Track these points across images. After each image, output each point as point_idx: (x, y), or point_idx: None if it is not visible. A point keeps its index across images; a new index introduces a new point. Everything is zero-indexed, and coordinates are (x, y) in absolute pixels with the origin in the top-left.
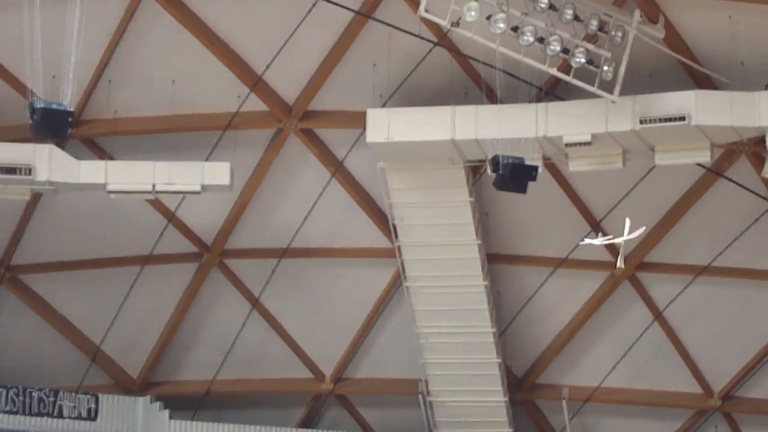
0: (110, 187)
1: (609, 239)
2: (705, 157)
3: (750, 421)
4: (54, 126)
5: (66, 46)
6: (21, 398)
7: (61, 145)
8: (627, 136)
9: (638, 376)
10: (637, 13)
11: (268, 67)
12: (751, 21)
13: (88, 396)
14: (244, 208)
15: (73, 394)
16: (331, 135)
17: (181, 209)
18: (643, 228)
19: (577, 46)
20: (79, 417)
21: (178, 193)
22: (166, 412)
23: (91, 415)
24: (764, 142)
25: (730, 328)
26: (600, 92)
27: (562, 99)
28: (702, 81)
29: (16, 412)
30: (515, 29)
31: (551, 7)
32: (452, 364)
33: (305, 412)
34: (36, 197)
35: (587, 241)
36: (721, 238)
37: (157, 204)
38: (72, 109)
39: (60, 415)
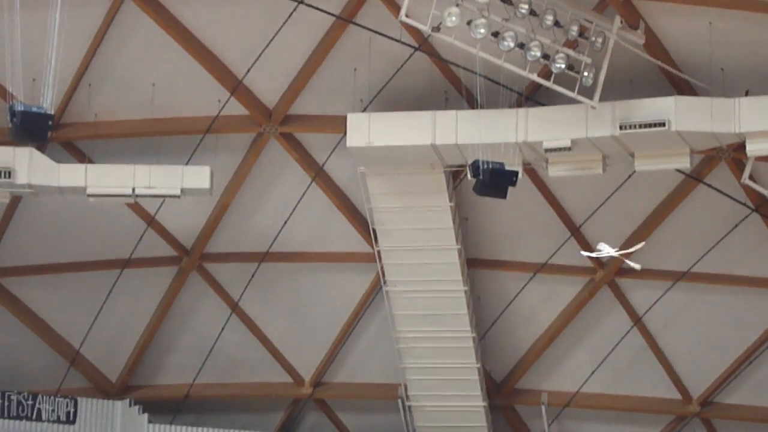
0: (90, 191)
1: (617, 252)
2: (685, 163)
3: (729, 426)
4: (34, 129)
5: (46, 49)
6: (0, 401)
7: (41, 148)
8: (607, 141)
9: (617, 382)
10: (618, 19)
11: (248, 71)
12: (730, 27)
13: (67, 399)
14: (223, 212)
15: (52, 397)
16: (311, 139)
17: (161, 213)
18: (642, 243)
19: (557, 52)
20: (57, 420)
21: (158, 196)
22: (145, 416)
23: (70, 419)
24: (744, 148)
25: (709, 334)
26: (580, 98)
27: (542, 104)
28: (682, 87)
29: None
30: (496, 34)
31: (532, 12)
32: (432, 369)
33: (284, 417)
34: (15, 200)
35: (600, 252)
36: (701, 244)
37: (136, 208)
38: (52, 113)
39: (39, 419)
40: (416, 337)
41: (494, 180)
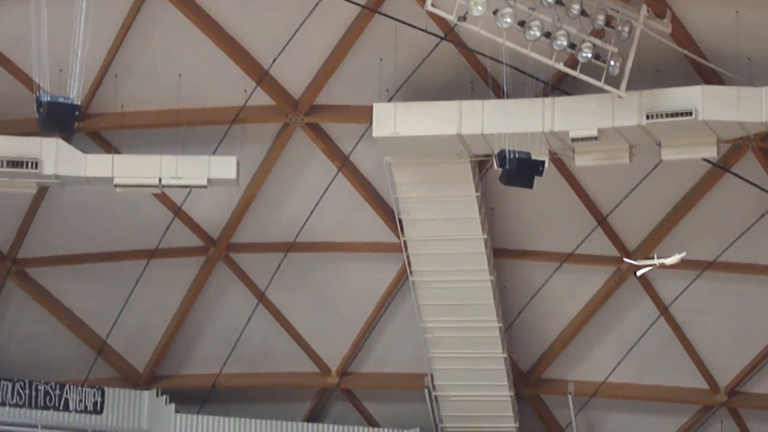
0: (117, 181)
1: (652, 263)
2: (711, 153)
3: (756, 416)
4: (61, 120)
5: (73, 39)
6: (27, 392)
7: (67, 138)
8: (633, 131)
9: (644, 372)
10: (644, 8)
11: (274, 61)
12: (758, 16)
13: (94, 389)
14: (250, 202)
15: (79, 387)
16: (337, 129)
17: (188, 203)
18: (684, 253)
19: (583, 41)
20: (85, 410)
21: (185, 187)
22: (172, 406)
23: (97, 409)
24: None
25: (735, 324)
26: (607, 87)
27: (568, 94)
28: (709, 76)
29: (23, 406)
30: (522, 24)
31: (558, 1)
32: (458, 359)
33: (311, 406)
34: (42, 191)
35: (641, 265)
36: (728, 233)
37: (163, 198)
38: (79, 103)
39: (66, 409)
40: (442, 327)
41: (521, 170)
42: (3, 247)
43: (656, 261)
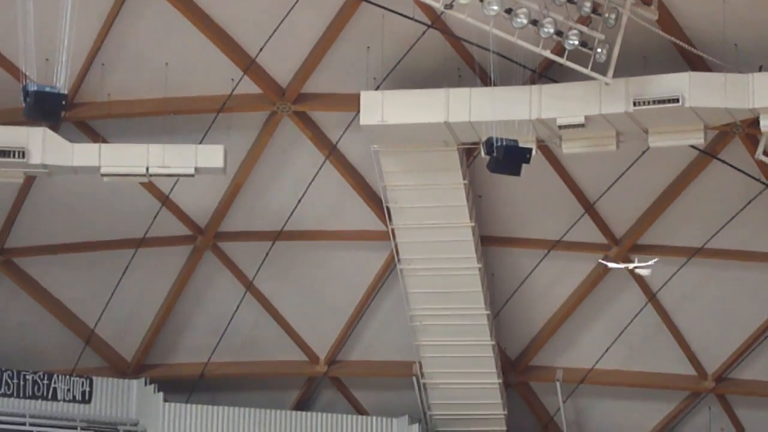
0: (104, 170)
1: (626, 266)
2: (698, 139)
3: (744, 402)
4: (47, 109)
5: (59, 28)
6: (15, 381)
7: (54, 128)
8: (620, 118)
9: (632, 358)
10: None
11: (261, 49)
12: (744, 2)
13: (83, 379)
14: (237, 190)
15: (68, 377)
16: (324, 118)
17: (175, 192)
18: (656, 259)
19: (570, 29)
20: (73, 400)
21: (172, 176)
22: (161, 395)
23: (86, 398)
24: (758, 123)
25: (723, 310)
26: (594, 74)
27: (555, 81)
28: (695, 63)
29: (11, 395)
30: (509, 11)
31: None
32: (446, 347)
33: (299, 395)
34: (29, 180)
35: (610, 265)
36: (715, 219)
37: (150, 187)
38: (65, 92)
39: (54, 398)
40: (430, 314)
41: (508, 157)
42: None
43: (630, 265)
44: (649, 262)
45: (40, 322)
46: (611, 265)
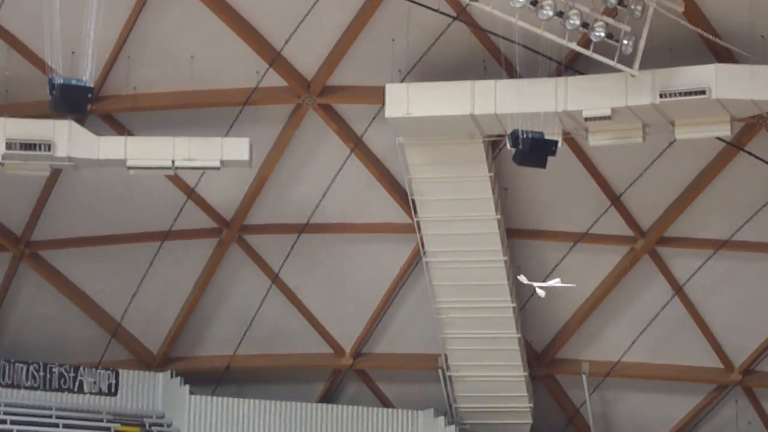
0: (130, 163)
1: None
2: (725, 131)
3: None
4: (73, 102)
5: (85, 22)
6: (42, 374)
7: (80, 121)
8: (647, 110)
9: (658, 351)
10: None
11: (286, 42)
12: None
13: (109, 371)
14: (263, 183)
15: (94, 369)
16: (350, 110)
17: (201, 185)
18: (557, 279)
19: (596, 20)
20: (99, 392)
21: (198, 168)
22: (186, 388)
23: (112, 391)
24: None
25: (750, 303)
26: (620, 66)
27: (581, 73)
28: (722, 54)
29: (37, 388)
30: (534, 3)
31: None
32: (472, 339)
33: (325, 387)
34: (56, 173)
35: (525, 281)
36: (741, 212)
37: (176, 180)
38: (91, 85)
39: (81, 391)
40: (456, 307)
41: (534, 149)
42: (17, 229)
43: (544, 284)
44: (553, 282)
45: (66, 315)
46: (526, 281)
